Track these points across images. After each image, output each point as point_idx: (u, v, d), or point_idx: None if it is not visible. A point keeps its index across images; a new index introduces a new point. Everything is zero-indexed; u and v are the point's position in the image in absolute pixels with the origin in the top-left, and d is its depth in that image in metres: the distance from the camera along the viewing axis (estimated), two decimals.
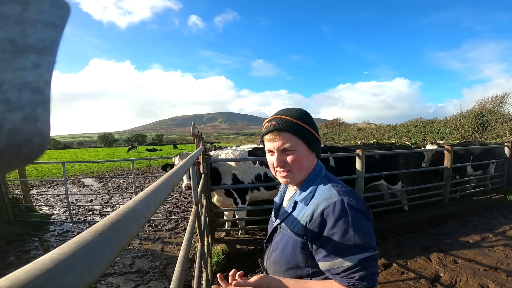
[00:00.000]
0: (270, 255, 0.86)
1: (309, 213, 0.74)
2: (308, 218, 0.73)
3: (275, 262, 0.83)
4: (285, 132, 0.74)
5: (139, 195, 0.39)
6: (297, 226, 0.76)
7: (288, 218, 0.81)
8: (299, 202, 0.79)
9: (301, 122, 0.75)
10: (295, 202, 0.80)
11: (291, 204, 0.81)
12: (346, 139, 16.61)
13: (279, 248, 0.82)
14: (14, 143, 0.11)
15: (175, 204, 5.67)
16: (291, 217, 0.79)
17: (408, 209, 4.18)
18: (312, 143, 0.77)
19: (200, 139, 3.06)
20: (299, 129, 0.75)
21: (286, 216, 0.82)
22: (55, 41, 0.12)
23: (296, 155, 0.75)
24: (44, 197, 6.94)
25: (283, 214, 0.84)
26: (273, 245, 0.85)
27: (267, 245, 0.90)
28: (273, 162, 0.78)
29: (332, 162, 3.66)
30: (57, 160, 19.19)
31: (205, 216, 2.33)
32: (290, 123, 0.74)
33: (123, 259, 3.19)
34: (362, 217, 0.70)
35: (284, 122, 0.74)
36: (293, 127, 0.74)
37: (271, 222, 0.92)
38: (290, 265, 0.78)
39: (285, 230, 0.81)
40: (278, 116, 0.76)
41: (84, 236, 0.20)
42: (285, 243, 0.79)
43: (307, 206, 0.75)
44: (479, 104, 12.05)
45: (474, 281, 2.35)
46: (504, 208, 4.31)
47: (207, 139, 37.90)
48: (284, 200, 0.89)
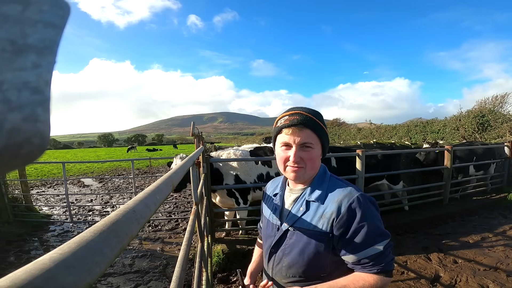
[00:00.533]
0: (282, 259, 0.82)
1: (333, 209, 0.74)
2: (335, 214, 0.73)
3: (291, 264, 0.80)
4: (308, 129, 0.75)
5: (139, 195, 0.39)
6: (320, 223, 0.75)
7: (302, 218, 0.79)
8: (313, 201, 0.78)
9: (320, 123, 0.77)
10: (307, 202, 0.79)
11: (301, 204, 0.80)
12: (346, 139, 16.61)
13: (295, 249, 0.79)
14: (14, 143, 0.11)
15: (175, 204, 5.67)
16: (307, 216, 0.78)
17: (408, 209, 4.18)
18: (326, 144, 0.80)
19: (200, 139, 3.06)
20: (320, 129, 0.76)
21: (298, 217, 0.79)
22: (55, 41, 0.12)
23: (312, 153, 0.76)
24: (44, 197, 6.94)
25: (292, 217, 0.81)
26: (284, 249, 0.82)
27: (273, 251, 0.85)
28: (287, 156, 0.77)
29: (334, 163, 3.68)
30: (57, 160, 19.19)
31: (205, 216, 2.33)
32: (313, 121, 0.75)
33: (123, 259, 3.19)
34: (377, 209, 0.77)
35: (308, 119, 0.75)
36: (315, 125, 0.75)
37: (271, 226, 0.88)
38: (311, 265, 0.77)
39: (302, 230, 0.78)
40: (301, 112, 0.76)
41: (84, 236, 0.20)
42: (306, 243, 0.77)
43: (324, 204, 0.76)
44: (479, 104, 12.04)
45: (474, 281, 2.34)
46: (504, 208, 4.31)
47: (207, 139, 37.89)
48: (286, 202, 0.85)
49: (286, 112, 0.78)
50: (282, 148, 0.78)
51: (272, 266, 0.86)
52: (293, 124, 0.74)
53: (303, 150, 0.76)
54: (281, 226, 0.83)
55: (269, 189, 0.98)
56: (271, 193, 0.94)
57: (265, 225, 0.92)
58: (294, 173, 0.77)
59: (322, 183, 0.80)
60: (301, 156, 0.76)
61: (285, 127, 0.76)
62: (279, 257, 0.83)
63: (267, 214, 0.92)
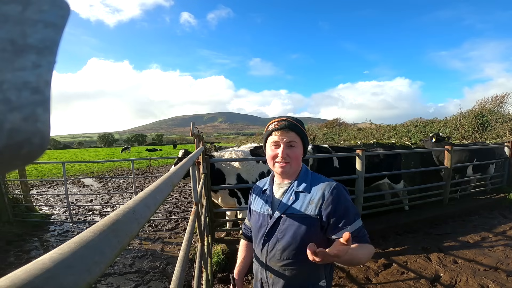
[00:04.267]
0: (276, 244, 0.95)
1: (319, 196, 0.91)
2: (320, 200, 0.90)
3: (285, 247, 0.93)
4: (293, 132, 0.94)
5: (139, 195, 0.39)
6: (309, 208, 0.91)
7: (293, 206, 0.94)
8: (301, 191, 0.95)
9: (302, 128, 0.98)
10: (296, 192, 0.95)
11: (291, 195, 0.96)
12: (346, 139, 16.61)
13: (288, 233, 0.92)
14: (14, 143, 0.11)
15: (175, 204, 5.67)
16: (297, 204, 0.94)
17: (408, 209, 4.18)
18: (306, 146, 0.99)
19: (200, 139, 3.06)
20: (302, 132, 0.97)
21: (289, 205, 0.94)
22: (55, 41, 0.12)
23: (296, 151, 0.95)
24: (44, 197, 6.94)
25: (283, 206, 0.96)
26: (277, 234, 0.95)
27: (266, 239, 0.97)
28: (276, 154, 0.94)
29: (336, 163, 3.69)
30: (57, 160, 19.19)
31: (205, 216, 2.33)
32: (297, 127, 0.95)
33: (123, 259, 3.19)
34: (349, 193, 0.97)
35: (294, 124, 0.95)
36: (299, 129, 0.96)
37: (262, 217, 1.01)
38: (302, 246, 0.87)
39: (294, 216, 0.93)
40: (288, 119, 0.96)
41: (84, 236, 0.21)
42: (297, 226, 0.91)
43: (310, 193, 0.93)
44: (479, 104, 12.03)
45: (474, 281, 2.34)
46: (504, 208, 4.31)
47: (207, 139, 37.89)
48: (275, 195, 1.01)
49: (276, 119, 0.98)
50: (272, 147, 0.96)
51: (266, 252, 0.97)
52: (282, 127, 0.94)
53: (289, 149, 0.93)
54: (273, 214, 0.97)
55: (256, 189, 1.11)
56: (259, 191, 1.08)
57: (256, 219, 1.04)
58: (282, 168, 0.94)
59: (306, 177, 0.98)
60: (287, 153, 0.93)
61: (275, 130, 0.95)
62: (273, 242, 0.96)
63: (257, 208, 1.05)
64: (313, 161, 3.53)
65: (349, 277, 2.52)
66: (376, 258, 2.83)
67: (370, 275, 2.54)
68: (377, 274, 2.56)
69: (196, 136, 2.87)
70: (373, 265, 2.70)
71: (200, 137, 3.08)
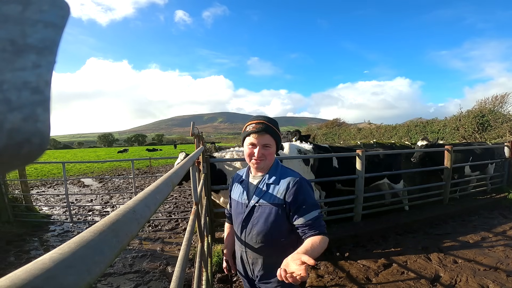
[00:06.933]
0: (252, 229, 1.11)
1: (284, 187, 1.06)
2: (285, 190, 1.05)
3: (259, 231, 1.09)
4: (268, 134, 1.07)
5: (139, 195, 0.39)
6: (276, 198, 1.06)
7: (264, 196, 1.09)
8: (271, 183, 1.09)
9: (276, 129, 1.10)
10: (267, 184, 1.10)
11: (263, 186, 1.10)
12: (346, 139, 16.61)
13: (261, 220, 1.09)
14: (14, 143, 0.11)
15: (175, 204, 5.66)
16: (267, 195, 1.09)
17: (408, 209, 4.18)
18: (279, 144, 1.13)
19: (200, 139, 3.05)
20: (276, 134, 1.09)
21: (261, 195, 1.09)
22: (55, 41, 0.12)
23: (270, 151, 1.09)
24: (44, 197, 6.94)
25: (257, 195, 1.11)
26: (253, 220, 1.11)
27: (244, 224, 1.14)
28: (252, 152, 1.08)
29: (335, 163, 3.68)
30: (57, 160, 19.19)
31: (205, 216, 2.33)
32: (272, 129, 1.08)
33: (123, 259, 3.19)
34: (312, 189, 1.11)
35: (269, 127, 1.07)
36: (273, 132, 1.08)
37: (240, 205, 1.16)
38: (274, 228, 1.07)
39: (265, 205, 1.09)
40: (264, 122, 1.08)
41: (84, 236, 0.21)
42: (268, 213, 1.08)
43: (279, 185, 1.07)
44: (479, 104, 12.03)
45: (474, 281, 2.35)
46: (504, 208, 4.31)
47: (207, 139, 37.90)
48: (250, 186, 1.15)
49: (253, 121, 1.09)
50: (250, 147, 1.09)
51: (245, 236, 1.14)
52: (258, 131, 1.05)
53: (264, 149, 1.07)
54: (249, 203, 1.13)
55: (235, 179, 1.26)
56: (238, 181, 1.23)
57: (235, 206, 1.20)
58: (257, 164, 1.09)
59: (276, 171, 1.12)
60: (263, 152, 1.07)
61: (252, 132, 1.06)
62: (249, 228, 1.12)
63: (236, 197, 1.20)
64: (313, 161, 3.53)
65: (349, 277, 2.52)
66: (376, 258, 2.83)
67: (370, 275, 2.54)
68: (377, 274, 2.56)
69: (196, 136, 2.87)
70: (373, 265, 2.70)
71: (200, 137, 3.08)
